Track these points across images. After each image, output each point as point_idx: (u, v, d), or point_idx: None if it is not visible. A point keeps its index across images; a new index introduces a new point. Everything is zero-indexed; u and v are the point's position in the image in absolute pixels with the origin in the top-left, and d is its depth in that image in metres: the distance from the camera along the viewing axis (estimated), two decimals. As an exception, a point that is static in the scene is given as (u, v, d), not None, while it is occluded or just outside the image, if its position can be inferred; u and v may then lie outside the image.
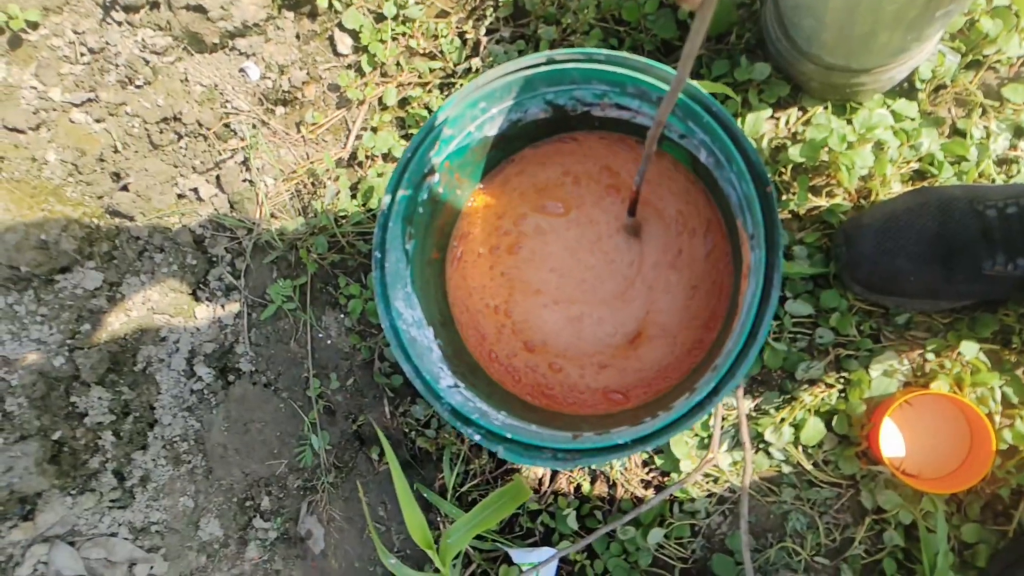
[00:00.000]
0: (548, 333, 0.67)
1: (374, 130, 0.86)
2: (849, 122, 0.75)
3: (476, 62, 0.84)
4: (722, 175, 0.58)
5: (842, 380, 0.74)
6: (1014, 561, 0.67)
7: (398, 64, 0.86)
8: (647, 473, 0.78)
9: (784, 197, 0.77)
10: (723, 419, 0.76)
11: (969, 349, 0.70)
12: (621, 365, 0.66)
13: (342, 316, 0.85)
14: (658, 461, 0.77)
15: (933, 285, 0.68)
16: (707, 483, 0.76)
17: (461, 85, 0.83)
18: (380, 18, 0.86)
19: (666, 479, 0.78)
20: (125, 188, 0.84)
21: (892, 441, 0.72)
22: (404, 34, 0.85)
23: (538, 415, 0.63)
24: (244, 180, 0.87)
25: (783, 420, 0.73)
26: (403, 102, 0.86)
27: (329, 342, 0.85)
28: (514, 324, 0.68)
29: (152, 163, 0.84)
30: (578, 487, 0.80)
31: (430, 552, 0.68)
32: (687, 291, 0.66)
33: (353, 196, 0.85)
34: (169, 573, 0.81)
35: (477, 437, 0.55)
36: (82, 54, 0.85)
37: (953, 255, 0.66)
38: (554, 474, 0.81)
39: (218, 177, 0.87)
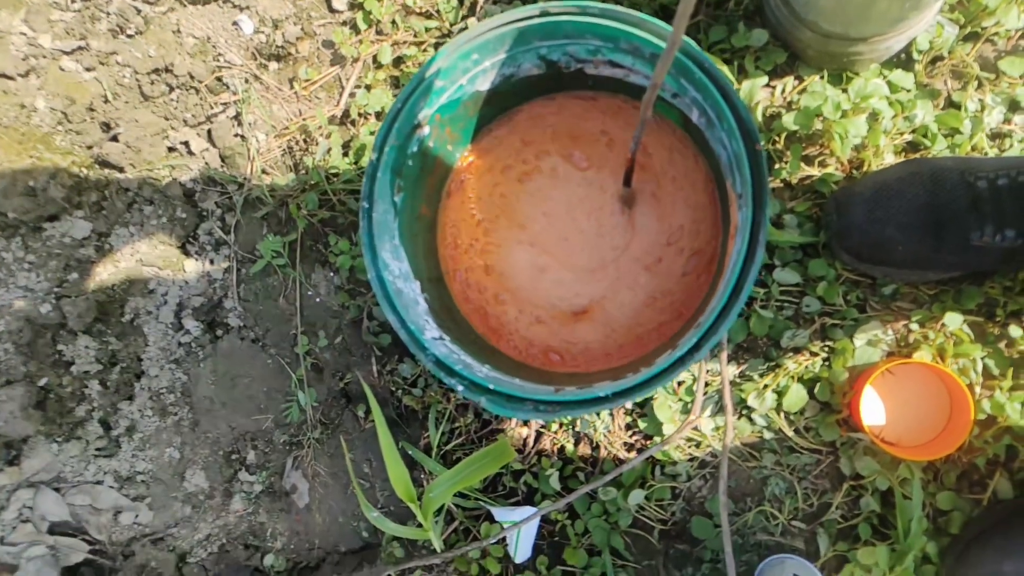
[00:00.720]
0: (508, 266, 0.68)
1: (368, 88, 0.85)
2: (844, 91, 0.75)
3: (472, 22, 0.83)
4: (713, 135, 0.58)
5: (826, 349, 0.75)
6: (987, 528, 0.68)
7: (394, 22, 0.85)
8: (630, 436, 0.79)
9: (777, 166, 0.77)
10: (707, 384, 0.77)
11: (953, 320, 0.71)
12: (554, 328, 0.67)
13: (331, 274, 0.85)
14: (641, 424, 0.78)
15: (921, 255, 0.68)
16: (689, 447, 0.77)
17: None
18: (376, -27, 0.84)
19: (649, 442, 0.78)
20: (115, 139, 0.84)
21: (873, 409, 0.73)
22: (400, -9, 0.84)
23: (521, 372, 0.63)
24: (236, 135, 0.86)
25: (766, 386, 0.74)
26: (398, 61, 0.85)
27: (318, 300, 0.85)
28: (486, 243, 0.68)
29: (143, 114, 0.84)
30: (561, 449, 0.81)
31: (412, 506, 0.69)
32: (647, 298, 0.66)
33: (345, 154, 0.85)
34: (154, 522, 0.81)
35: (460, 388, 0.55)
36: (73, 1, 0.84)
37: (942, 225, 0.66)
38: (538, 435, 0.81)
39: (209, 131, 0.86)
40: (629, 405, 0.79)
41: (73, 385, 0.79)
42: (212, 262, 0.85)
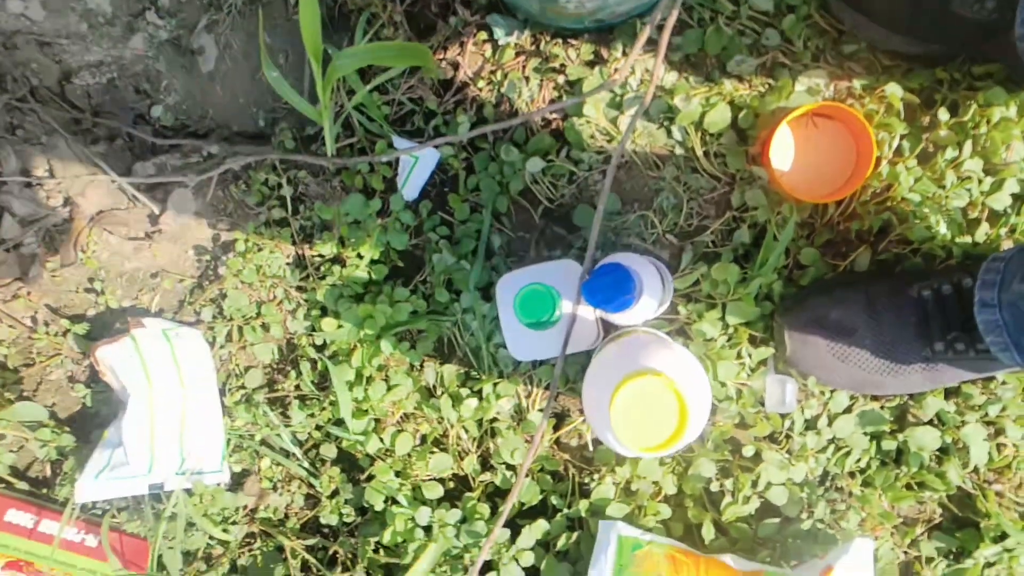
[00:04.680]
0: None
1: None
2: None
3: None
4: None
5: (767, 86, 0.74)
6: (821, 289, 0.72)
7: None
8: (551, 113, 0.78)
9: None
10: (641, 82, 0.76)
11: (894, 90, 0.71)
12: None
13: None
14: (566, 99, 0.77)
15: (899, 10, 0.67)
16: (602, 139, 0.77)
17: None
18: None
19: (565, 122, 0.78)
20: None
21: (783, 155, 0.74)
22: None
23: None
24: None
25: (696, 95, 0.73)
26: None
27: None
28: None
29: None
30: (481, 107, 0.79)
31: (315, 65, 0.66)
32: None
33: None
34: (44, 24, 0.76)
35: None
36: None
37: (932, -19, 0.64)
38: (463, 85, 0.79)
39: None
40: (560, 79, 0.77)
41: None
42: None
